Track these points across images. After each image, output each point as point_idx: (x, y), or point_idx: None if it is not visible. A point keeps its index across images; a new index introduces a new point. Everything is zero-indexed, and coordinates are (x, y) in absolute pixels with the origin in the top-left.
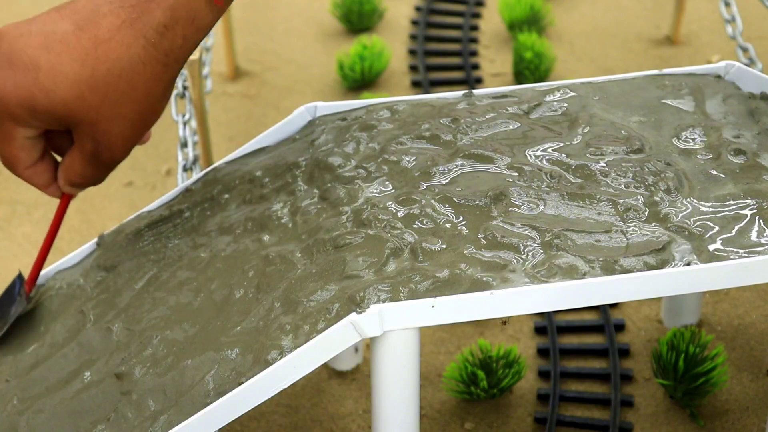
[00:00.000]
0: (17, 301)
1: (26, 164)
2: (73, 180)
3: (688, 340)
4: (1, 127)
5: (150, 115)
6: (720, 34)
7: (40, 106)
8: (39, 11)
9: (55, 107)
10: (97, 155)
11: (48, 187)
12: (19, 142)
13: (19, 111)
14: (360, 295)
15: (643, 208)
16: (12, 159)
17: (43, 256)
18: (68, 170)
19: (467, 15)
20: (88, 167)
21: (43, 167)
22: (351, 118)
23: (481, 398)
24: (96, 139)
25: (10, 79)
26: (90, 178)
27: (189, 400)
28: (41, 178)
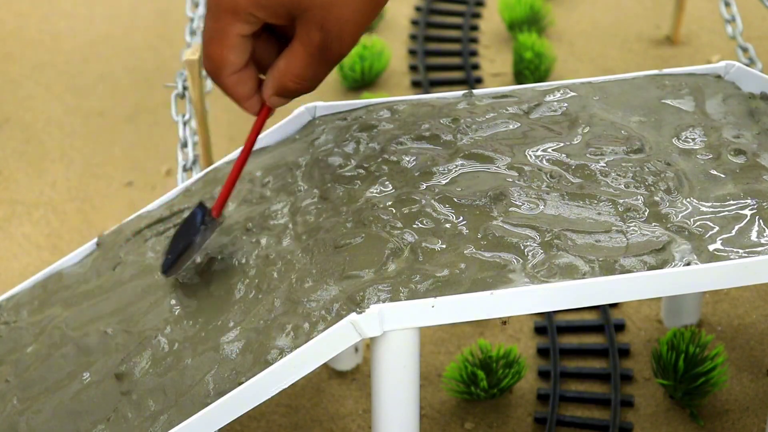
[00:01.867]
0: (201, 230)
1: (234, 68)
2: (287, 84)
3: (688, 340)
4: (217, 22)
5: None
6: (720, 34)
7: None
8: (39, 11)
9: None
10: (325, 47)
11: (249, 99)
12: (232, 40)
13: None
14: (360, 295)
15: (643, 208)
16: (220, 61)
17: (231, 182)
18: (283, 74)
19: (467, 15)
20: (312, 64)
21: (248, 75)
22: (351, 118)
23: (481, 398)
24: (326, 28)
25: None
26: (309, 80)
27: (189, 400)
28: (245, 86)
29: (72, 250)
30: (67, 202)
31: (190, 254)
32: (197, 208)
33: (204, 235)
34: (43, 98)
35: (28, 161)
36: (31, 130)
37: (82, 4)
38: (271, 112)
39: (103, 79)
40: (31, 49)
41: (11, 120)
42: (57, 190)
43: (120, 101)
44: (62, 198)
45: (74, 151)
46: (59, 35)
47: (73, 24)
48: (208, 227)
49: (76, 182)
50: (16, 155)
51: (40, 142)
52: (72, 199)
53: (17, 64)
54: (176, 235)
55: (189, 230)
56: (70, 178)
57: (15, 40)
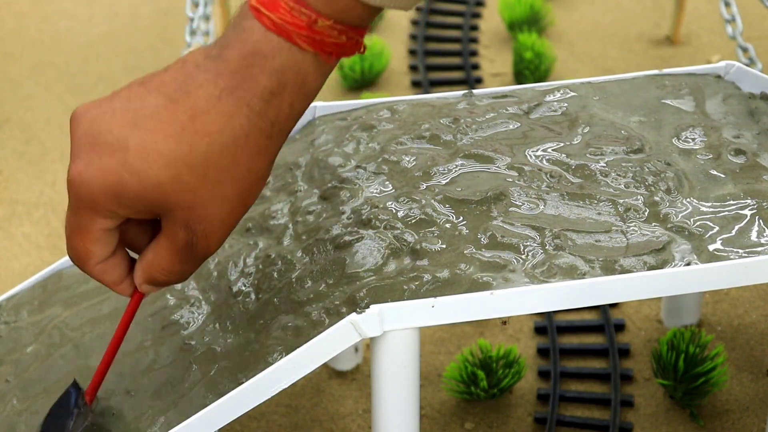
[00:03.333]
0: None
1: (99, 258)
2: (155, 277)
3: (688, 340)
4: (77, 218)
5: (250, 195)
6: (720, 34)
7: (129, 191)
8: (39, 11)
9: (146, 191)
10: (190, 246)
11: (119, 284)
12: (95, 234)
13: (103, 199)
14: (360, 295)
15: (643, 208)
16: (84, 254)
17: (105, 365)
18: (151, 266)
19: (467, 15)
20: (178, 261)
21: (115, 262)
22: (351, 118)
23: (481, 398)
24: (191, 227)
25: (94, 163)
26: (177, 274)
27: (189, 400)
28: (112, 274)
29: None
30: (67, 202)
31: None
32: (71, 387)
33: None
34: (43, 98)
35: (28, 161)
36: (31, 130)
37: (82, 4)
38: (143, 296)
39: (103, 79)
40: (31, 49)
41: (11, 120)
42: (57, 190)
43: None
44: (62, 198)
45: None
46: (59, 35)
47: (73, 24)
48: (81, 413)
49: None
50: (16, 155)
51: (40, 142)
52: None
53: (17, 64)
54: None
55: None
56: None
57: (15, 40)
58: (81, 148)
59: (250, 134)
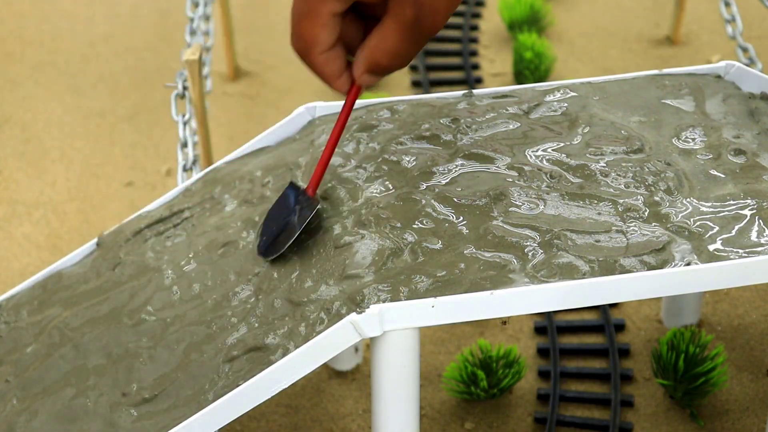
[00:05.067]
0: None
1: (324, 46)
2: (380, 60)
3: (688, 340)
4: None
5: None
6: (720, 34)
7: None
8: (39, 11)
9: None
10: (417, 22)
11: (338, 78)
12: (323, 18)
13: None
14: (360, 295)
15: (643, 208)
16: (311, 39)
17: (324, 162)
18: (375, 50)
19: (467, 15)
20: (404, 40)
21: (337, 53)
22: (351, 118)
23: (481, 398)
24: (419, 3)
25: None
26: (401, 57)
27: (188, 401)
28: (334, 65)
29: (72, 250)
30: (67, 202)
31: (289, 234)
32: (288, 188)
33: (301, 214)
34: (43, 98)
35: (28, 161)
36: (31, 130)
37: (82, 4)
38: (361, 91)
39: (103, 79)
40: (31, 49)
41: (11, 120)
42: (57, 190)
43: (120, 101)
44: (62, 198)
45: (74, 151)
46: (59, 35)
47: (73, 24)
48: (305, 206)
49: (76, 182)
50: (16, 155)
51: (40, 142)
52: (72, 199)
53: (17, 64)
54: (268, 217)
55: (282, 211)
56: (70, 178)
57: (15, 40)
58: None
59: None
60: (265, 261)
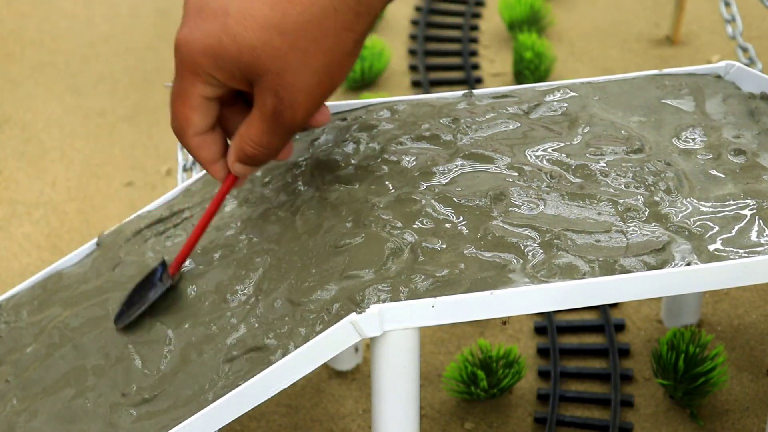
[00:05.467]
0: (157, 285)
1: (197, 130)
2: (246, 149)
3: (688, 340)
4: (180, 82)
5: (338, 70)
6: (720, 34)
7: (226, 52)
8: (39, 11)
9: (241, 53)
10: (277, 114)
11: (214, 164)
12: (195, 100)
13: (203, 60)
14: (360, 295)
15: (643, 208)
16: (184, 121)
17: (191, 244)
18: (242, 139)
19: (467, 15)
20: (266, 131)
21: (213, 138)
22: (351, 118)
23: (481, 398)
24: (279, 94)
25: (199, 27)
26: (265, 147)
27: (189, 400)
28: (209, 150)
29: (72, 250)
30: (67, 202)
31: (139, 306)
32: (159, 265)
33: (157, 290)
34: (43, 98)
35: (28, 161)
36: (31, 130)
37: (82, 4)
38: (236, 180)
39: (103, 79)
40: (31, 49)
41: (11, 120)
42: (57, 190)
43: (120, 101)
44: (62, 198)
45: (74, 151)
46: (59, 35)
47: (73, 24)
48: (163, 283)
49: (76, 182)
50: (16, 155)
51: (40, 142)
52: (72, 199)
53: (17, 64)
54: (134, 288)
55: (146, 285)
56: (70, 178)
57: (15, 40)
58: (189, 15)
59: (339, 9)
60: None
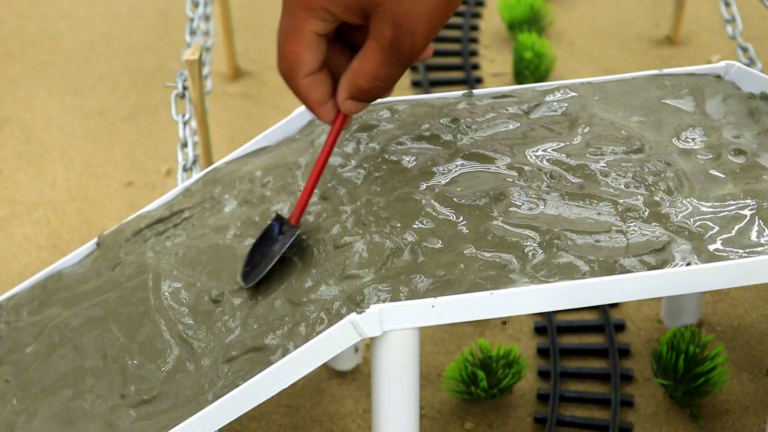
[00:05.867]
0: (279, 239)
1: (309, 68)
2: (361, 84)
3: (688, 340)
4: (292, 19)
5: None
6: (720, 34)
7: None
8: (39, 11)
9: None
10: (396, 44)
11: (323, 105)
12: (306, 37)
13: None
14: (360, 295)
15: (643, 208)
16: (295, 60)
17: (309, 190)
18: (357, 73)
19: (467, 15)
20: (384, 62)
21: (322, 77)
22: (351, 118)
23: (481, 398)
24: (397, 23)
25: None
26: (382, 80)
27: (189, 400)
28: (319, 89)
29: (72, 250)
30: (67, 202)
31: (269, 261)
32: (273, 221)
33: (282, 242)
34: (43, 98)
35: (28, 161)
36: (31, 130)
37: (82, 4)
38: (346, 120)
39: (103, 79)
40: (31, 49)
41: (11, 120)
42: (57, 190)
43: (120, 101)
44: (62, 198)
45: (74, 151)
46: (59, 35)
47: (73, 24)
48: (286, 234)
49: (76, 182)
50: (16, 155)
51: (40, 142)
52: (72, 199)
53: (17, 64)
54: (253, 248)
55: (266, 242)
56: (70, 178)
57: (15, 40)
58: None
59: None
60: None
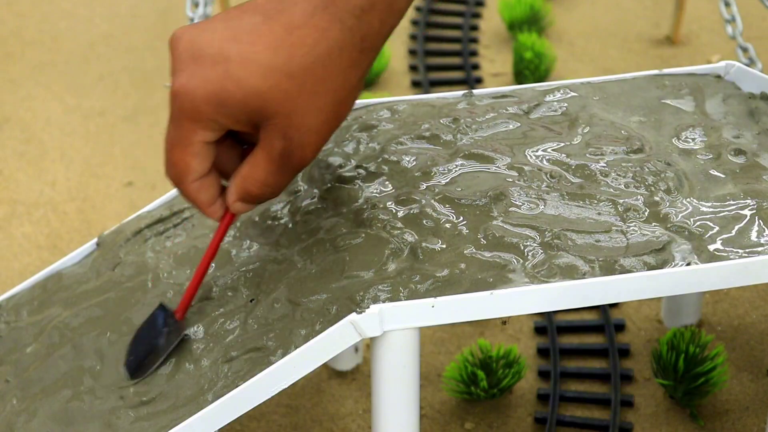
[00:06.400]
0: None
1: (196, 175)
2: (250, 190)
3: (688, 340)
4: (179, 130)
5: (344, 108)
6: (720, 34)
7: (231, 98)
8: (39, 11)
9: (247, 99)
10: (286, 155)
11: (211, 206)
12: (195, 147)
13: (205, 107)
14: (360, 295)
15: (643, 208)
16: (182, 168)
17: (194, 287)
18: (246, 179)
19: (467, 15)
20: (273, 172)
21: (210, 181)
22: (351, 118)
23: (481, 398)
24: (288, 136)
25: (197, 74)
26: (271, 187)
27: (188, 401)
28: (207, 193)
29: (72, 250)
30: (67, 202)
31: (154, 359)
32: (158, 310)
33: (168, 339)
34: (43, 98)
35: (28, 161)
36: (31, 130)
37: (82, 4)
38: (233, 218)
39: (103, 79)
40: (31, 49)
41: (11, 120)
42: (57, 190)
43: (120, 101)
44: (62, 198)
45: (74, 151)
46: (59, 35)
47: (73, 24)
48: (172, 330)
49: (76, 182)
50: (16, 155)
51: (40, 142)
52: (72, 199)
53: (17, 64)
54: (136, 336)
55: (150, 333)
56: (70, 178)
57: (15, 40)
58: (183, 62)
59: (344, 47)
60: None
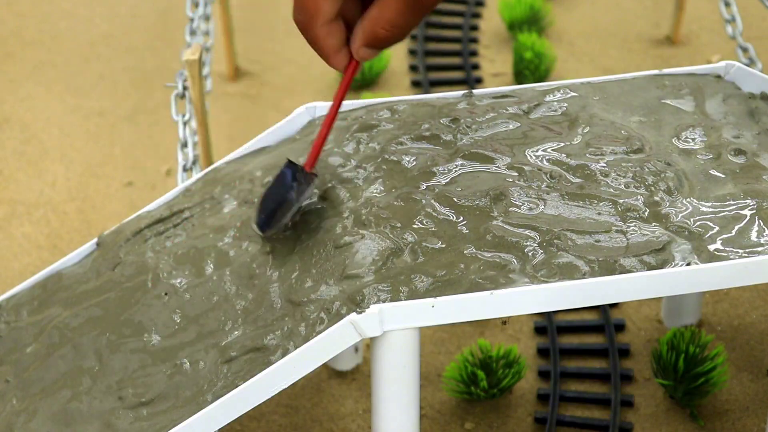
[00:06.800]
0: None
1: (326, 17)
2: (378, 32)
3: (688, 340)
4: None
5: None
6: (720, 34)
7: None
8: (39, 11)
9: None
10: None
11: (337, 53)
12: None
13: None
14: (360, 295)
15: (643, 208)
16: (314, 8)
17: (322, 138)
18: (375, 21)
19: (467, 15)
20: (404, 12)
21: (338, 26)
22: (351, 118)
23: (481, 398)
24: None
25: None
26: (399, 28)
27: (188, 401)
28: (334, 38)
29: (72, 250)
30: (67, 202)
31: (285, 210)
32: (285, 167)
33: (299, 190)
34: (43, 98)
35: (28, 161)
36: (31, 130)
37: (82, 4)
38: (358, 67)
39: (103, 79)
40: (31, 49)
41: (11, 120)
42: (57, 190)
43: (120, 101)
44: (62, 198)
45: (74, 151)
46: (59, 35)
47: (73, 24)
48: (302, 182)
49: (76, 182)
50: (16, 155)
51: (40, 142)
52: (72, 199)
53: (17, 64)
54: (265, 196)
55: (280, 189)
56: (70, 178)
57: (15, 40)
58: None
59: None
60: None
